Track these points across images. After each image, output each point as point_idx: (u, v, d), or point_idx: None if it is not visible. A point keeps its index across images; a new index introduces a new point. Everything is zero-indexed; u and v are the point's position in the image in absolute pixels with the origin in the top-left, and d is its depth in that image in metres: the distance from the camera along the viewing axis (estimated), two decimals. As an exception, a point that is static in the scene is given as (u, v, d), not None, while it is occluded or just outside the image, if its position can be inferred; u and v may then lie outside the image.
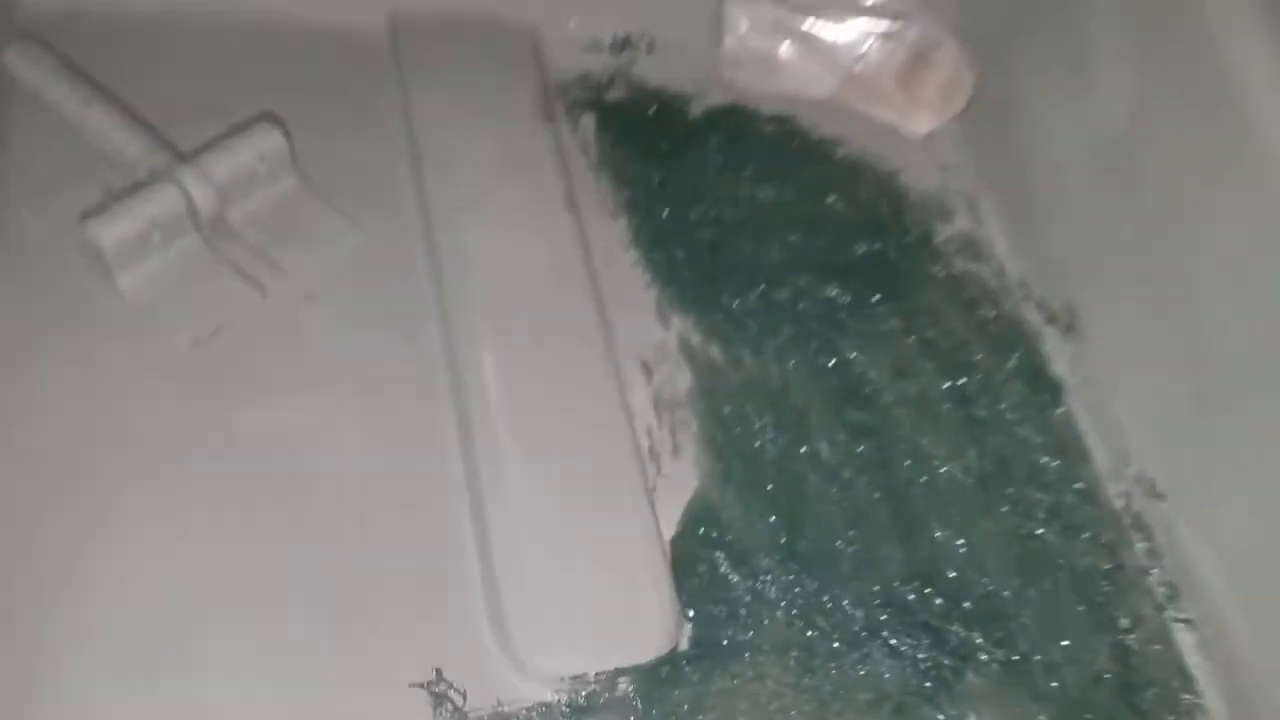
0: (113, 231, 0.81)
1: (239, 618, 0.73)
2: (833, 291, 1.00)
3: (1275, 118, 0.79)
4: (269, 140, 0.89)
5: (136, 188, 0.84)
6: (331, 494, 0.78)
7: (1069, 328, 0.99)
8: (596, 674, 0.74)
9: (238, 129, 0.90)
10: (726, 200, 1.04)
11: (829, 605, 0.82)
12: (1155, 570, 0.88)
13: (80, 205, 0.85)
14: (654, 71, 1.12)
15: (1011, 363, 0.99)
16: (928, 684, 0.80)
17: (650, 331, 0.93)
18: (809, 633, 0.80)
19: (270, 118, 0.91)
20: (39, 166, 0.87)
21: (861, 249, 1.04)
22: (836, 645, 0.80)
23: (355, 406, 0.83)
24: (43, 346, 0.80)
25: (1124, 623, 0.86)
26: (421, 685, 0.72)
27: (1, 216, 0.84)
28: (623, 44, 1.12)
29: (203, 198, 0.85)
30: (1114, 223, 0.94)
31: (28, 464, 0.75)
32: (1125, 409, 0.92)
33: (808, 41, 1.18)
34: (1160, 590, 0.88)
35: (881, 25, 1.16)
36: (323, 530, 0.77)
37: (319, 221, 0.91)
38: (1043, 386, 0.98)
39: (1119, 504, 0.91)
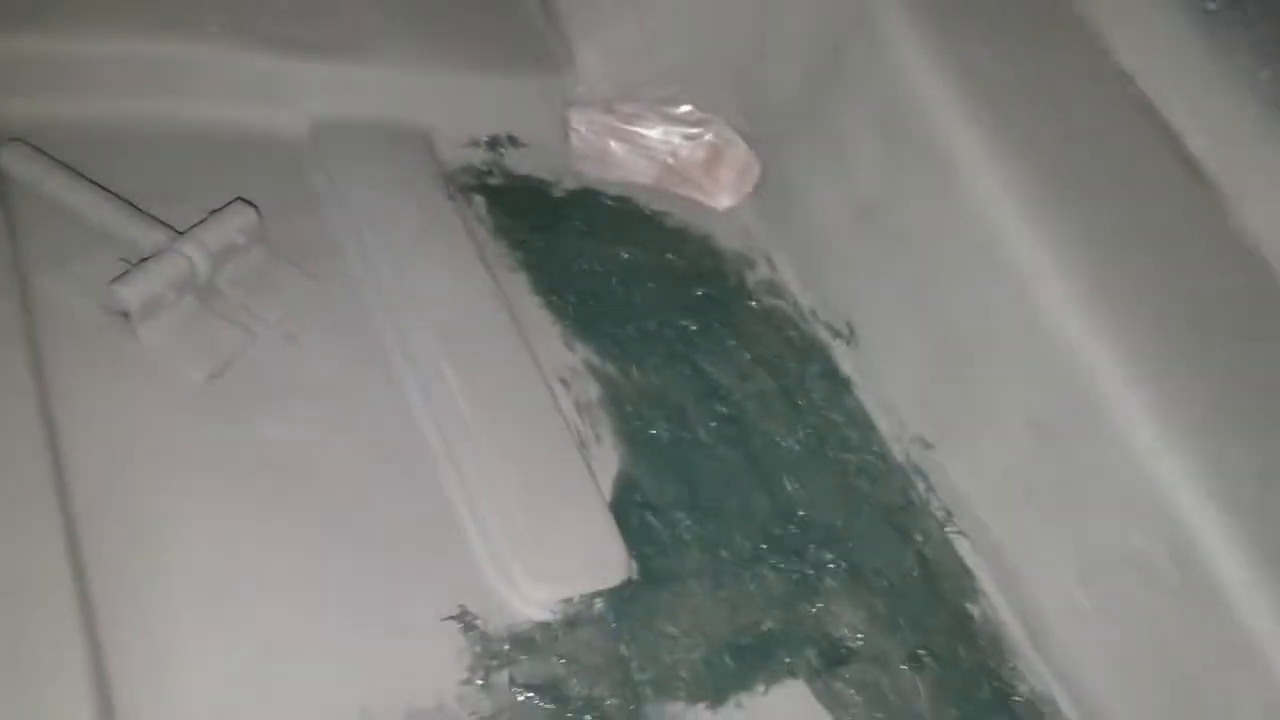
0: (140, 293, 0.97)
1: (287, 592, 0.90)
2: (685, 322, 1.30)
3: (972, 177, 1.16)
4: (246, 217, 1.08)
5: (152, 258, 1.00)
6: (344, 485, 0.97)
7: (849, 339, 1.34)
8: (580, 596, 0.97)
9: (217, 211, 1.08)
10: (595, 258, 1.32)
11: (725, 541, 1.10)
12: (933, 500, 1.23)
13: (89, 274, 1.00)
14: (520, 162, 1.39)
15: (814, 368, 1.32)
16: (800, 588, 1.09)
17: (561, 356, 1.19)
18: (716, 561, 1.08)
19: (242, 200, 1.10)
20: (47, 245, 1.01)
21: (699, 291, 1.35)
22: (736, 568, 1.08)
23: (347, 418, 1.02)
24: (81, 388, 0.94)
25: (919, 539, 1.19)
26: (453, 618, 0.92)
27: (25, 286, 0.98)
28: (493, 142, 1.38)
29: (202, 264, 1.03)
30: (872, 261, 1.30)
31: (86, 492, 0.88)
32: (895, 390, 1.27)
33: (632, 140, 1.49)
34: (940, 513, 1.22)
35: (687, 129, 1.50)
36: (342, 515, 0.96)
37: (288, 280, 1.10)
38: (838, 382, 1.31)
39: (901, 458, 1.25)
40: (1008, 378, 1.13)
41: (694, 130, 1.50)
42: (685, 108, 1.50)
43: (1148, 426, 1.00)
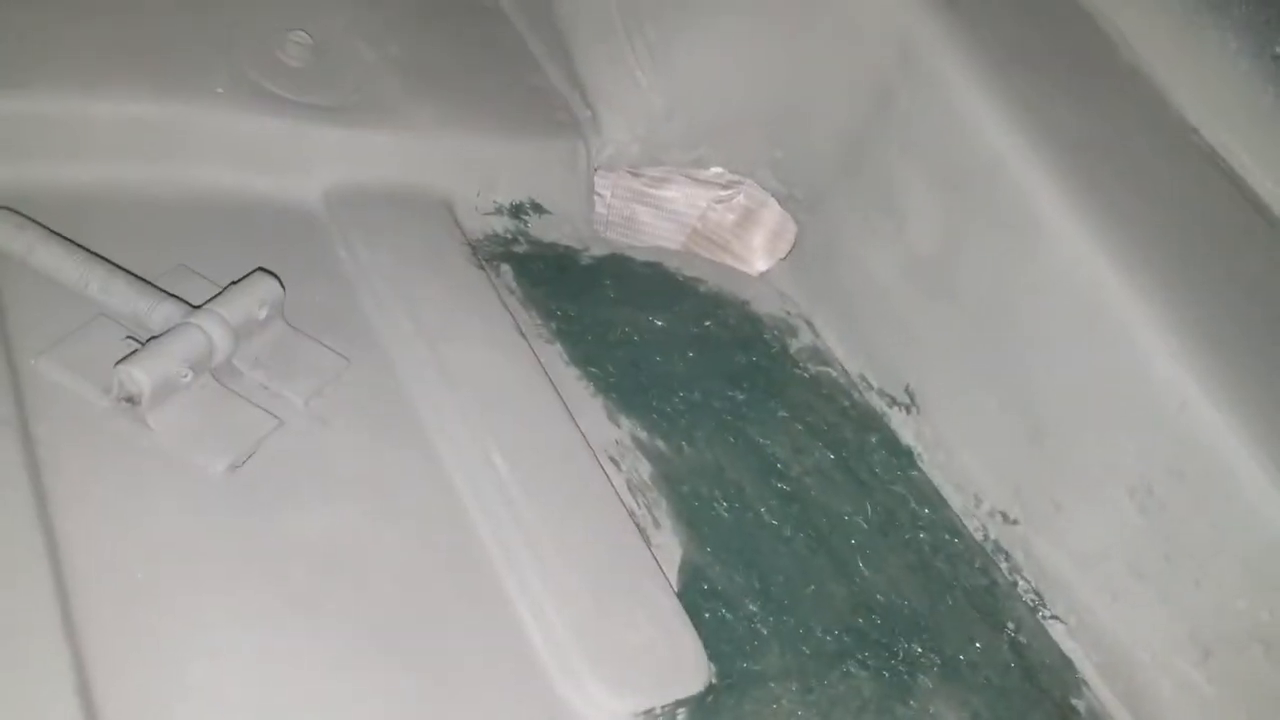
0: (151, 375, 0.84)
1: (327, 713, 0.76)
2: (732, 392, 1.18)
3: (1058, 234, 1.07)
4: (268, 288, 0.95)
5: (163, 335, 0.87)
6: (387, 586, 0.83)
7: (909, 407, 1.23)
8: (661, 707, 0.83)
9: (236, 282, 0.96)
10: (630, 327, 1.21)
11: (805, 635, 0.97)
12: (1020, 582, 1.10)
13: (91, 355, 0.87)
14: (545, 230, 1.28)
15: (873, 439, 1.21)
16: (893, 687, 0.96)
17: (607, 431, 1.07)
18: (800, 658, 0.94)
19: (263, 270, 0.98)
20: (42, 323, 0.88)
21: (742, 359, 1.23)
22: (820, 667, 0.95)
23: (387, 508, 0.89)
24: (84, 487, 0.80)
25: (1010, 626, 1.07)
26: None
27: (17, 371, 0.85)
28: (517, 210, 1.28)
29: (221, 341, 0.90)
30: (932, 322, 1.20)
31: (91, 601, 0.74)
32: (968, 461, 1.16)
33: (660, 205, 1.40)
34: (1029, 597, 1.09)
35: (718, 192, 1.40)
36: (388, 620, 0.82)
37: (314, 357, 0.97)
38: (900, 454, 1.20)
39: (980, 536, 1.14)
40: (1105, 442, 1.03)
41: (725, 193, 1.40)
42: (715, 170, 1.40)
43: (1275, 490, 0.89)
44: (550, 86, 1.36)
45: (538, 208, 1.29)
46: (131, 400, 0.85)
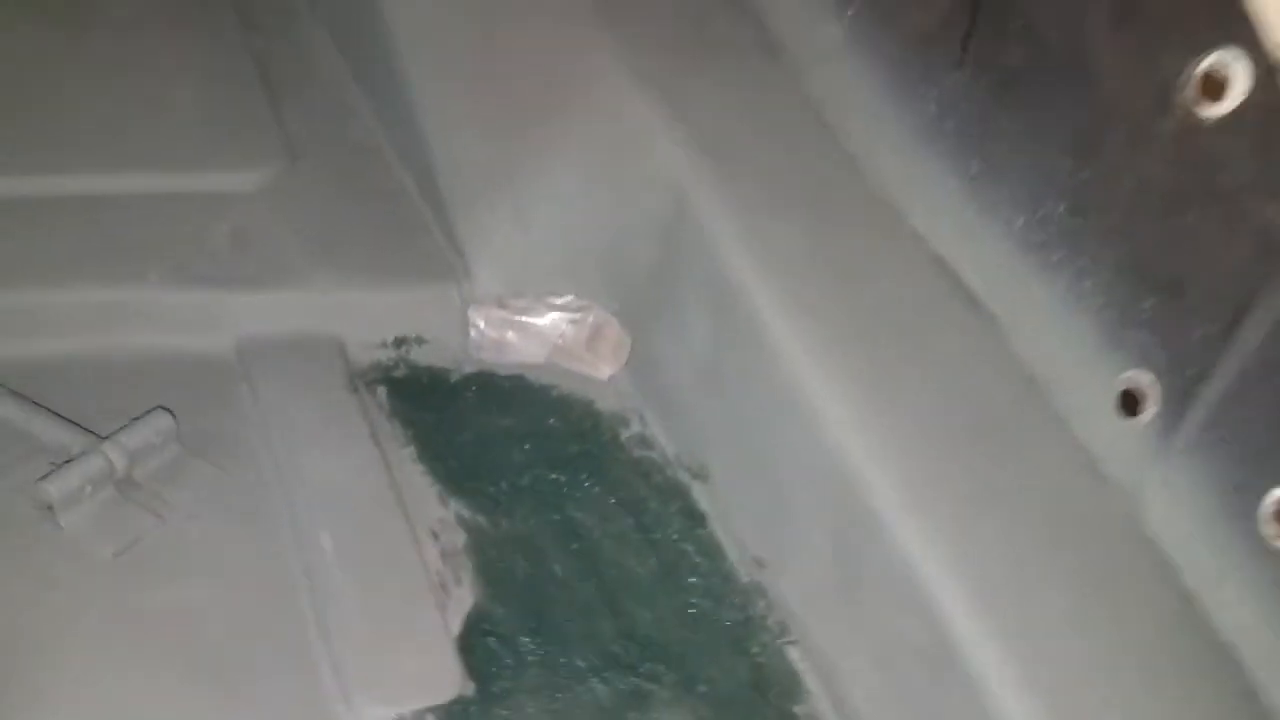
0: (61, 488, 1.11)
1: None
2: (556, 475, 1.39)
3: (776, 341, 1.26)
4: (162, 420, 1.22)
5: (75, 459, 1.14)
6: (218, 642, 1.06)
7: (703, 478, 1.41)
8: (412, 712, 1.03)
9: (137, 418, 1.22)
10: (479, 427, 1.43)
11: (565, 661, 1.15)
12: (770, 615, 1.26)
13: (24, 476, 1.14)
14: (424, 357, 1.53)
15: (674, 506, 1.39)
16: (632, 699, 1.13)
17: (434, 510, 1.28)
18: (554, 678, 1.13)
19: (161, 408, 1.25)
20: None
21: (575, 448, 1.44)
22: (570, 682, 1.13)
23: (230, 585, 1.12)
24: (6, 571, 1.07)
25: (755, 650, 1.22)
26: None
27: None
28: (399, 342, 1.52)
29: (119, 461, 1.16)
30: (714, 413, 1.39)
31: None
32: (739, 520, 1.33)
33: (526, 329, 1.63)
34: (775, 627, 1.25)
35: (571, 315, 1.63)
36: (212, 664, 1.04)
37: (198, 472, 1.23)
38: (694, 518, 1.37)
39: (744, 579, 1.30)
40: (810, 501, 1.20)
41: (576, 315, 1.63)
42: (568, 297, 1.63)
43: (913, 537, 1.05)
44: (434, 243, 1.62)
45: (419, 339, 1.54)
46: (50, 508, 1.11)
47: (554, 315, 1.65)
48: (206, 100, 1.69)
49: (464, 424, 1.43)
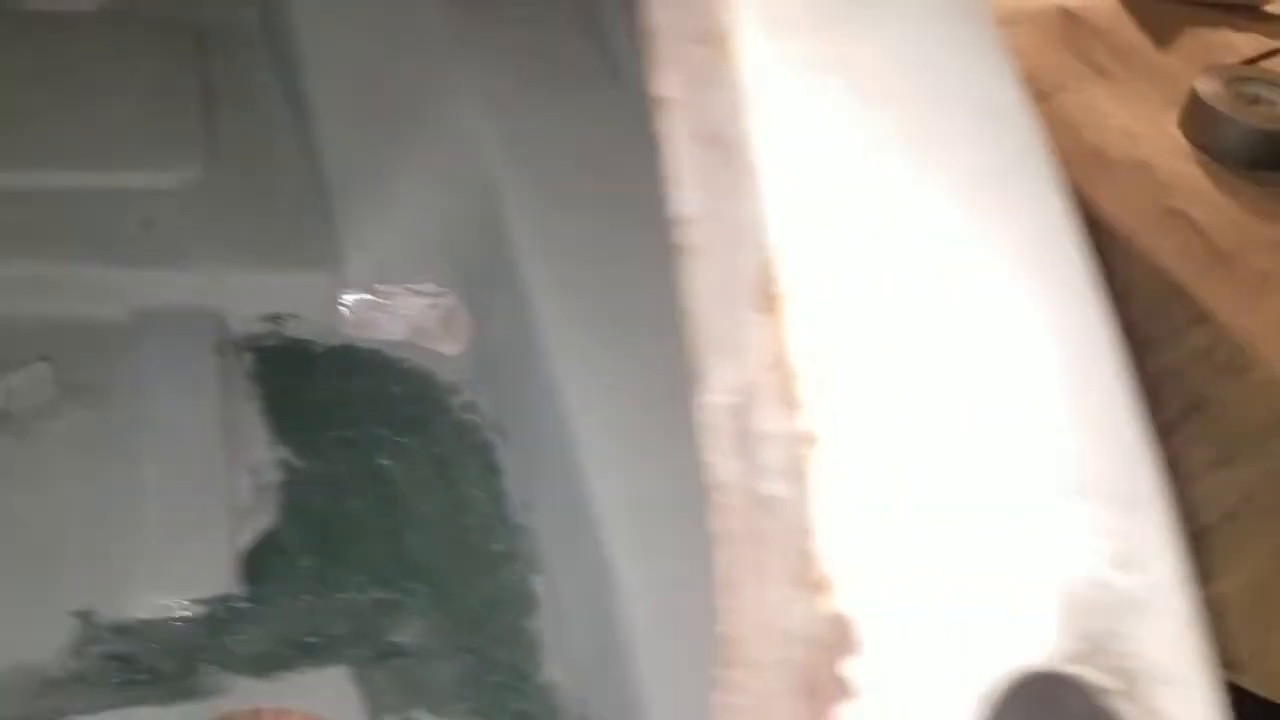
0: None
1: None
2: (382, 431, 1.61)
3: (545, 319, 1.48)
4: (41, 369, 1.50)
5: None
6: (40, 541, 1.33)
7: (504, 436, 1.62)
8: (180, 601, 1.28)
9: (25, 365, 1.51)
10: (325, 389, 1.67)
11: (335, 576, 1.38)
12: (529, 550, 1.47)
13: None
14: (295, 331, 1.77)
15: (478, 461, 1.61)
16: (381, 607, 1.36)
17: (259, 452, 1.53)
18: (320, 576, 1.36)
19: (41, 359, 1.52)
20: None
21: (407, 411, 1.66)
22: (334, 593, 1.36)
23: (66, 496, 1.39)
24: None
25: (505, 575, 1.44)
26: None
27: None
28: (275, 317, 1.78)
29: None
30: (515, 381, 1.61)
31: None
32: (520, 472, 1.55)
33: (391, 311, 1.87)
34: (529, 559, 1.46)
35: (430, 300, 1.86)
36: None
37: (68, 413, 1.50)
38: (493, 470, 1.59)
39: (519, 522, 1.51)
40: (551, 459, 1.42)
41: (434, 301, 1.87)
42: (429, 285, 1.87)
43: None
44: (316, 232, 1.88)
45: (293, 316, 1.79)
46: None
47: (415, 300, 1.89)
48: (145, 110, 1.99)
49: (315, 387, 1.68)
